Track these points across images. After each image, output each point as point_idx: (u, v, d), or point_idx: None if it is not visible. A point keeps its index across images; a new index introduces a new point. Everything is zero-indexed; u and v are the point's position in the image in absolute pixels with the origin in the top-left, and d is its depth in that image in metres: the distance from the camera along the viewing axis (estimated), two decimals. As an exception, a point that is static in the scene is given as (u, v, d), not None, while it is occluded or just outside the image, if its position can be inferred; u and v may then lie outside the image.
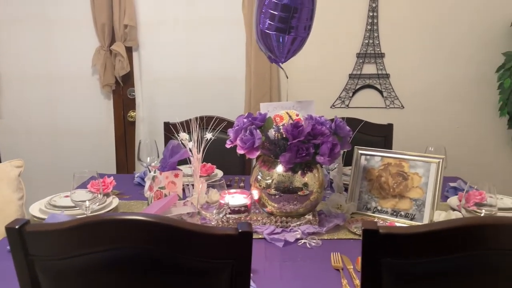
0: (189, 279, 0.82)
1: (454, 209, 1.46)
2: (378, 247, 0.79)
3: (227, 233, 0.79)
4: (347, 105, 2.74)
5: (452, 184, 1.71)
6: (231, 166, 2.10)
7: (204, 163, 1.84)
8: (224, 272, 0.81)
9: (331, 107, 2.75)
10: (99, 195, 1.31)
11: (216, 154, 1.82)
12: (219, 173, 1.91)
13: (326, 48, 2.67)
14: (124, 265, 0.81)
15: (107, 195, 1.57)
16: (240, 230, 0.78)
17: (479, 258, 0.79)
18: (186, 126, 1.66)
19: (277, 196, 1.38)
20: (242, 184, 1.86)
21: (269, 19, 1.44)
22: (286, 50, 1.52)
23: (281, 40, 1.47)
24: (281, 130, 1.35)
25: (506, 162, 2.72)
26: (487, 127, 2.70)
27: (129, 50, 2.64)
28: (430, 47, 2.64)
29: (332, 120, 1.42)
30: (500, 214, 1.38)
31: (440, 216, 1.35)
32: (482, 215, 1.19)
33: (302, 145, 1.32)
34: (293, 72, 2.68)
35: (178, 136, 1.50)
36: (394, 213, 1.45)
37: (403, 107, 2.71)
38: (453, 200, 1.55)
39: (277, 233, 1.34)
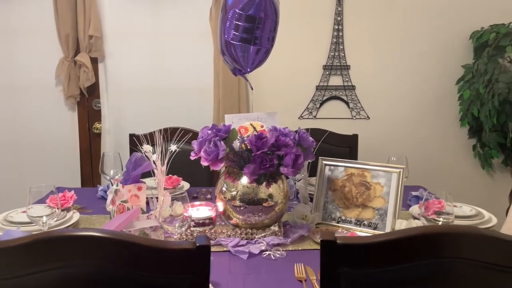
0: (147, 296, 0.80)
1: (415, 218, 1.49)
2: (336, 257, 0.80)
3: (184, 248, 0.77)
4: (315, 116, 2.77)
5: (414, 193, 1.75)
6: (199, 178, 2.09)
7: (169, 175, 1.81)
8: (182, 287, 0.80)
9: (299, 118, 2.77)
10: (57, 210, 1.27)
11: (184, 166, 1.80)
12: (185, 185, 1.89)
13: (294, 61, 2.70)
14: (77, 283, 0.79)
15: (67, 210, 1.52)
16: (198, 244, 0.77)
17: (435, 266, 0.80)
18: (150, 138, 1.64)
19: (242, 208, 1.38)
20: (209, 196, 1.85)
21: (234, 30, 1.44)
22: (251, 60, 1.53)
23: (245, 50, 1.48)
24: (245, 142, 1.35)
25: (467, 170, 2.82)
26: (449, 137, 2.79)
27: (94, 61, 2.59)
28: (393, 59, 2.72)
29: (297, 131, 1.43)
30: (458, 222, 1.42)
31: (402, 224, 1.37)
32: (440, 223, 1.22)
33: (266, 157, 1.33)
34: (262, 84, 2.71)
35: (142, 148, 1.48)
36: (358, 223, 1.47)
37: (369, 118, 2.77)
38: (414, 209, 1.58)
39: (242, 245, 1.33)
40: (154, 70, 2.65)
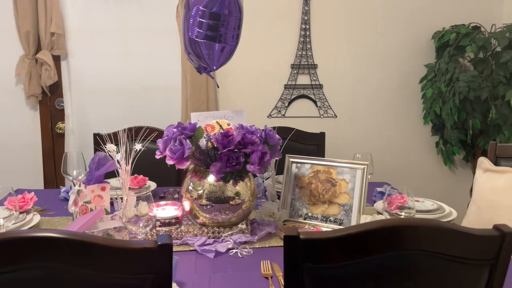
0: (107, 297, 0.79)
1: (379, 213, 1.52)
2: (299, 253, 0.80)
3: (146, 247, 0.76)
4: (284, 115, 2.79)
5: (379, 189, 1.79)
6: (167, 178, 2.06)
7: (135, 175, 1.78)
8: (144, 287, 0.78)
9: (268, 117, 2.78)
10: (15, 212, 1.22)
11: (152, 166, 1.78)
12: (152, 185, 1.86)
13: (262, 59, 2.71)
14: (34, 286, 0.76)
15: (27, 212, 1.46)
16: (159, 243, 0.76)
17: (396, 258, 0.82)
18: (115, 137, 1.61)
19: (208, 207, 1.37)
20: (176, 196, 1.83)
21: (198, 27, 1.43)
22: (217, 58, 1.52)
23: (210, 48, 1.46)
24: (212, 140, 1.34)
25: (430, 166, 2.90)
26: (413, 135, 2.87)
27: (56, 59, 2.51)
28: (360, 59, 2.77)
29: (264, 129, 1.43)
30: (420, 216, 1.46)
31: (366, 220, 1.40)
32: (402, 217, 1.25)
33: (233, 154, 1.32)
34: (230, 83, 2.70)
35: (105, 147, 1.44)
36: (324, 219, 1.49)
37: (336, 116, 2.81)
38: (379, 205, 1.62)
39: (209, 244, 1.32)
40: (120, 68, 2.59)
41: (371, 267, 0.82)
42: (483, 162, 1.78)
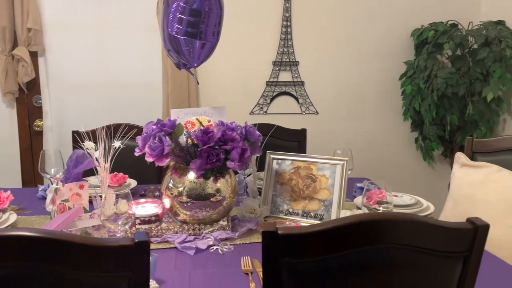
0: (84, 296, 0.78)
1: (359, 208, 1.54)
2: (277, 248, 0.81)
3: (122, 244, 0.75)
4: (266, 112, 2.79)
5: (359, 185, 1.81)
6: (148, 176, 2.04)
7: (115, 173, 1.76)
8: (121, 285, 0.78)
9: (250, 114, 2.78)
10: (-10, 211, 1.19)
11: (133, 164, 1.76)
12: (132, 182, 1.84)
13: (244, 56, 2.71)
14: (7, 286, 0.74)
15: (3, 211, 1.43)
16: (136, 240, 0.75)
17: (373, 252, 0.83)
18: (94, 135, 1.59)
19: (189, 204, 1.36)
20: (157, 194, 1.81)
21: (177, 23, 1.42)
22: (197, 55, 1.51)
23: (190, 45, 1.46)
24: (192, 137, 1.34)
25: (410, 162, 2.95)
26: (393, 131, 2.91)
27: (33, 55, 2.46)
28: (340, 56, 2.79)
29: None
30: (398, 210, 1.48)
31: (346, 215, 1.41)
32: (379, 211, 1.27)
33: (213, 151, 1.32)
34: (212, 80, 2.69)
35: (83, 145, 1.42)
36: (305, 215, 1.50)
37: (318, 113, 2.83)
38: (358, 200, 1.63)
39: (189, 241, 1.32)
40: (100, 65, 2.55)
41: (348, 261, 0.83)
42: (460, 157, 1.82)
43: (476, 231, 0.84)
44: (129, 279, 0.77)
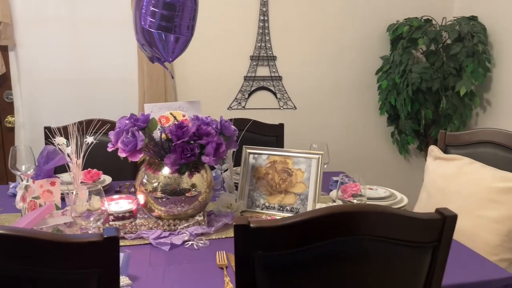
0: (52, 294, 0.76)
1: (334, 201, 1.55)
2: (249, 242, 0.81)
3: (91, 240, 0.74)
4: (244, 107, 2.79)
5: (335, 178, 1.82)
6: (124, 172, 2.01)
7: (89, 169, 1.73)
8: (90, 282, 0.76)
9: (228, 109, 2.77)
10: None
11: (108, 160, 1.73)
12: (107, 179, 1.82)
13: (221, 51, 2.69)
14: (-29, 286, 0.72)
15: (-30, 209, 1.39)
16: (105, 236, 0.74)
17: (345, 244, 0.84)
18: (66, 131, 1.55)
19: (164, 199, 1.35)
20: (132, 190, 1.79)
21: (150, 17, 1.40)
22: (171, 49, 1.49)
23: (164, 38, 1.44)
24: (166, 131, 1.32)
25: (386, 156, 2.99)
26: (370, 125, 2.95)
27: (4, 49, 2.39)
28: (317, 51, 2.80)
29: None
30: (373, 203, 1.50)
31: (321, 208, 1.42)
32: (350, 203, 1.28)
33: (187, 146, 1.31)
34: (189, 75, 2.67)
35: (54, 141, 1.39)
36: (281, 209, 1.51)
37: (296, 108, 2.83)
38: (334, 193, 1.65)
39: (164, 237, 1.30)
40: (73, 59, 2.49)
41: (321, 253, 0.83)
42: (433, 150, 1.86)
43: (444, 221, 0.86)
44: (99, 276, 0.76)
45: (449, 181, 1.71)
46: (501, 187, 1.54)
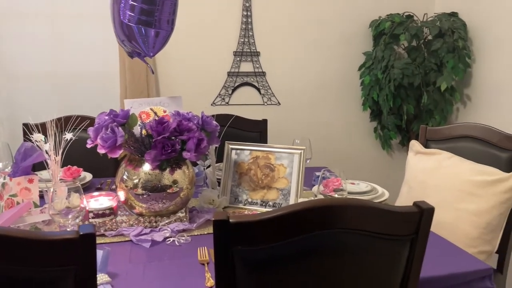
0: (27, 293, 0.75)
1: (317, 196, 1.56)
2: (229, 237, 0.80)
3: (66, 238, 0.73)
4: (227, 103, 2.78)
5: (318, 174, 1.83)
6: (105, 169, 1.99)
7: (69, 166, 1.70)
8: (67, 280, 0.75)
9: (211, 105, 2.76)
10: None
11: (89, 157, 1.70)
12: (88, 176, 1.79)
13: (204, 47, 2.67)
14: None
15: None
16: (81, 233, 0.73)
17: (324, 237, 0.84)
18: (44, 127, 1.52)
19: (145, 196, 1.33)
20: (114, 187, 1.76)
21: (130, 11, 1.38)
22: (152, 44, 1.48)
23: (144, 33, 1.42)
24: (146, 127, 1.31)
25: (369, 150, 3.02)
26: (353, 121, 2.96)
27: (-20, 44, 2.34)
28: (301, 47, 2.80)
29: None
30: (354, 197, 1.51)
31: (303, 203, 1.42)
32: (329, 198, 1.29)
33: (168, 142, 1.29)
34: (173, 70, 2.65)
35: (32, 137, 1.36)
36: (263, 204, 1.51)
37: (279, 104, 2.84)
38: (316, 188, 1.65)
39: (145, 233, 1.29)
40: (53, 54, 2.45)
41: (300, 247, 0.83)
42: (414, 145, 1.88)
43: (422, 214, 0.87)
44: (75, 273, 0.75)
45: (429, 175, 1.73)
46: (479, 181, 1.57)
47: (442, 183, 1.66)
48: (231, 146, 1.60)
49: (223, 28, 2.67)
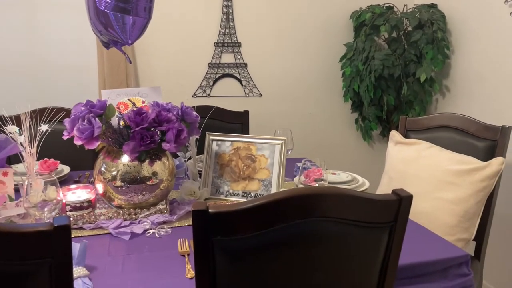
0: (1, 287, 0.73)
1: (298, 186, 1.56)
2: (208, 227, 0.79)
3: (40, 230, 0.71)
4: (209, 94, 2.75)
5: (299, 164, 1.83)
6: (83, 161, 1.95)
7: (45, 159, 1.66)
8: (42, 273, 0.73)
9: (192, 96, 2.73)
10: None
11: (67, 149, 1.67)
12: (65, 169, 1.75)
13: (184, 37, 2.64)
14: None
15: None
16: (55, 225, 0.71)
17: (303, 226, 0.84)
18: (18, 120, 1.48)
19: (124, 188, 1.31)
20: (92, 179, 1.73)
21: (106, -1, 1.34)
22: (129, 31, 1.44)
23: (121, 21, 1.39)
24: (124, 118, 1.28)
25: (351, 142, 3.04)
26: (334, 112, 2.98)
27: (-49, 34, 2.25)
28: (282, 38, 2.79)
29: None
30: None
31: (284, 193, 1.42)
32: (308, 187, 1.29)
33: (147, 133, 1.27)
34: (153, 61, 2.60)
35: (6, 129, 1.32)
36: (245, 195, 1.50)
37: (261, 95, 2.83)
38: (297, 179, 1.65)
39: (125, 226, 1.27)
40: (28, 44, 2.38)
41: (280, 236, 0.83)
42: (394, 135, 1.90)
43: (400, 202, 0.87)
44: (50, 266, 0.73)
45: (409, 165, 1.75)
46: (457, 170, 1.60)
47: (421, 173, 1.69)
48: (212, 137, 1.59)
49: (203, 18, 2.64)
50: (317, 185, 1.32)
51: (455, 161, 1.63)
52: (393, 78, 2.56)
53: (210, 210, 0.79)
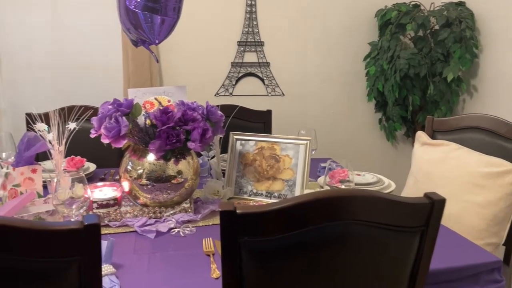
0: (31, 284, 0.74)
1: (322, 187, 1.54)
2: (236, 227, 0.79)
3: (71, 228, 0.71)
4: (231, 93, 2.75)
5: (323, 165, 1.81)
6: (108, 159, 1.97)
7: (72, 156, 1.69)
8: (71, 270, 0.74)
9: (215, 95, 2.74)
10: None
11: (92, 147, 1.69)
12: (91, 166, 1.78)
13: (208, 36, 2.64)
14: None
15: None
16: (86, 223, 0.72)
17: (331, 229, 0.82)
18: (48, 117, 1.51)
19: (149, 186, 1.32)
20: (117, 177, 1.75)
21: (135, -2, 1.35)
22: (157, 31, 1.45)
23: (150, 20, 1.39)
24: (150, 117, 1.29)
25: (374, 142, 3.00)
26: (358, 112, 2.94)
27: (-18, 33, 2.32)
28: (305, 37, 2.77)
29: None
30: (360, 188, 1.49)
31: (309, 194, 1.41)
32: (337, 189, 1.27)
33: (172, 132, 1.28)
34: (176, 61, 2.62)
35: (35, 127, 1.35)
36: (269, 195, 1.49)
37: (284, 95, 2.81)
38: (322, 179, 1.64)
39: (150, 224, 1.28)
40: (55, 43, 2.43)
41: (308, 238, 0.82)
42: (421, 136, 1.85)
43: (432, 206, 0.85)
44: (79, 264, 0.74)
45: (436, 167, 1.71)
46: (486, 172, 1.55)
47: (448, 175, 1.64)
48: (236, 137, 1.59)
49: (227, 18, 2.64)
50: (342, 186, 1.30)
51: (484, 163, 1.59)
52: (419, 77, 2.50)
53: (237, 211, 0.78)
